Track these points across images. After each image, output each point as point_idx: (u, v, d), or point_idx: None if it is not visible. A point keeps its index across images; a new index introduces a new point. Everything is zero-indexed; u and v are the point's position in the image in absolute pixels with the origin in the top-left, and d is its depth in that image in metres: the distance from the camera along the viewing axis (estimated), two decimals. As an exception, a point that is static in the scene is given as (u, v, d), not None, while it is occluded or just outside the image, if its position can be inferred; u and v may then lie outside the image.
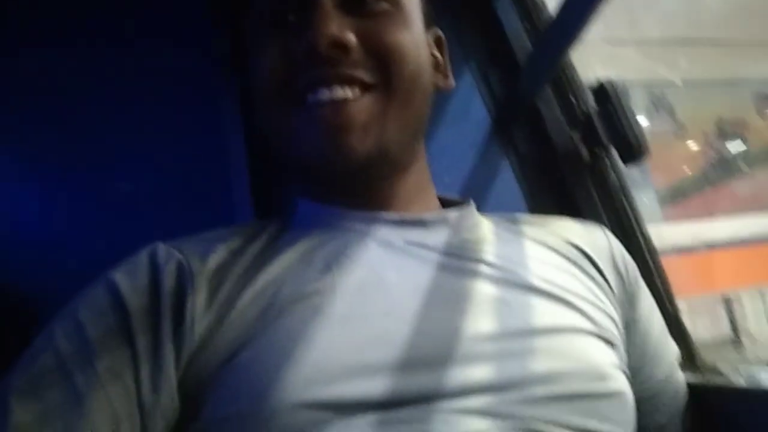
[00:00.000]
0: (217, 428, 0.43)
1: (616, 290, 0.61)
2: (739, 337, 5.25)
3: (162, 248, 0.52)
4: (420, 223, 0.57)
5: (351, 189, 0.58)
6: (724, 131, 5.86)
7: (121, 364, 0.44)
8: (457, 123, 0.90)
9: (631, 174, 0.83)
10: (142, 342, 0.45)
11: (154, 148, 0.82)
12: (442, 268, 0.53)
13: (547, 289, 0.53)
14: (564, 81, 0.83)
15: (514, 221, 0.65)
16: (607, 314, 0.56)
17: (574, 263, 0.59)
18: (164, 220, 0.81)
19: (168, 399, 0.44)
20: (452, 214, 0.60)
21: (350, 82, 0.53)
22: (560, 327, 0.51)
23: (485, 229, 0.61)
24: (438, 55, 0.65)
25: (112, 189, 0.81)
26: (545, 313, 0.52)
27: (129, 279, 0.48)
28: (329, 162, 0.54)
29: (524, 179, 0.88)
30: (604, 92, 0.78)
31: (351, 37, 0.53)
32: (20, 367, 0.45)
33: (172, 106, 0.82)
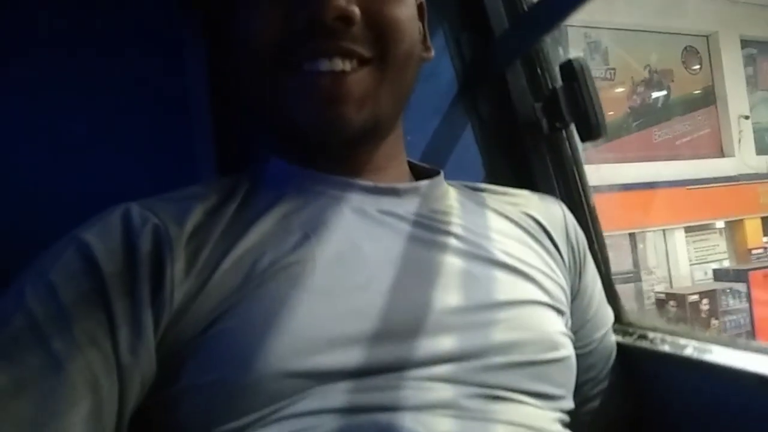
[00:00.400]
0: (198, 393, 0.45)
1: (567, 261, 0.67)
2: (638, 271, 5.76)
3: (136, 210, 0.51)
4: (393, 192, 0.60)
5: (330, 154, 0.60)
6: (652, 80, 6.12)
7: (98, 328, 0.44)
8: (424, 83, 0.90)
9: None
10: (119, 306, 0.45)
11: (113, 92, 0.78)
12: (414, 239, 0.57)
13: (508, 262, 0.58)
14: (533, 54, 0.85)
15: (478, 190, 0.70)
16: (558, 284, 0.63)
17: (532, 235, 0.65)
18: (124, 166, 0.79)
19: (146, 363, 0.45)
20: (423, 183, 0.63)
21: (350, 55, 0.54)
22: (519, 300, 0.56)
23: (453, 199, 0.64)
24: (419, 23, 0.65)
25: (69, 132, 0.77)
26: (506, 286, 0.57)
27: (102, 241, 0.48)
28: (324, 131, 0.55)
29: (484, 144, 0.91)
30: (571, 70, 0.81)
31: (356, 11, 0.53)
32: None
33: (134, 50, 0.78)
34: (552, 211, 0.70)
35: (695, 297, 4.93)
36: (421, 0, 0.66)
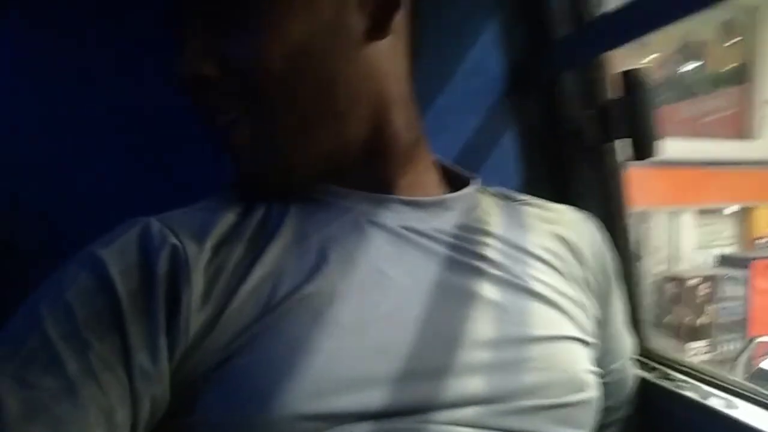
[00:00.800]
0: (211, 429, 0.44)
1: (597, 289, 0.64)
2: (639, 251, 5.74)
3: (155, 228, 0.48)
4: (416, 205, 0.57)
5: (350, 174, 0.57)
6: (686, 51, 5.91)
7: (113, 353, 0.43)
8: (469, 79, 0.85)
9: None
10: (135, 331, 0.43)
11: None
12: (442, 261, 0.54)
13: (541, 291, 0.55)
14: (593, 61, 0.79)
15: (513, 202, 0.66)
16: (588, 315, 0.60)
17: (564, 260, 0.62)
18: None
19: (160, 392, 0.44)
20: (451, 197, 0.60)
21: (224, 112, 0.52)
22: (550, 335, 0.54)
23: (485, 213, 0.61)
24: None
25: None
26: (537, 319, 0.54)
27: (119, 262, 0.46)
28: (251, 184, 0.55)
29: (525, 148, 0.87)
30: (631, 82, 0.76)
31: (209, 70, 0.50)
32: (5, 346, 0.43)
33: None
34: (587, 232, 0.67)
35: (694, 281, 4.94)
36: None
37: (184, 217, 0.51)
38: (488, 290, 0.53)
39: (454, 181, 0.64)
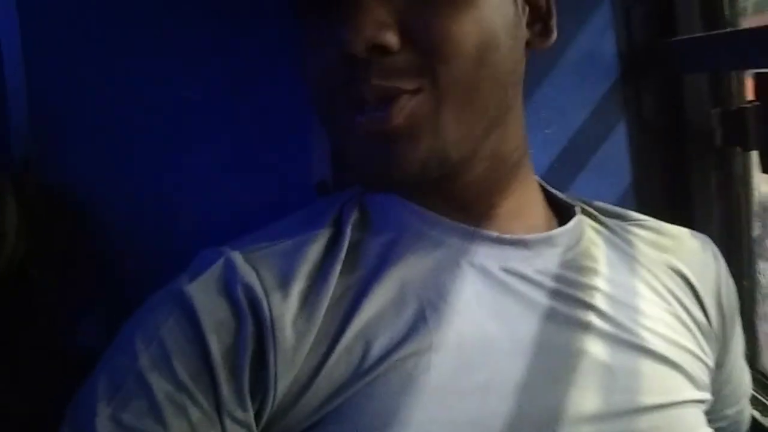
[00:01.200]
0: None
1: (715, 330, 0.58)
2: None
3: (239, 269, 0.47)
4: (521, 244, 0.52)
5: (440, 195, 0.52)
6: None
7: (210, 412, 0.43)
8: (579, 67, 0.76)
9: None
10: (226, 391, 0.43)
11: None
12: (546, 315, 0.49)
13: (655, 348, 0.50)
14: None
15: (622, 229, 0.60)
16: (705, 364, 0.55)
17: (680, 302, 0.56)
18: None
19: None
20: (557, 233, 0.54)
21: (389, 93, 0.44)
22: (665, 403, 0.49)
23: (592, 247, 0.56)
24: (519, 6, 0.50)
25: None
26: (651, 382, 0.49)
27: (208, 308, 0.45)
28: (379, 174, 0.47)
29: (639, 146, 0.78)
30: (769, 86, 0.65)
31: (390, 39, 0.43)
32: (103, 383, 0.43)
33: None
34: (704, 264, 0.60)
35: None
36: None
37: (267, 253, 0.49)
38: (595, 349, 0.48)
39: (556, 207, 0.59)
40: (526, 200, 0.55)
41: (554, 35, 0.52)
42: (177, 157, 0.72)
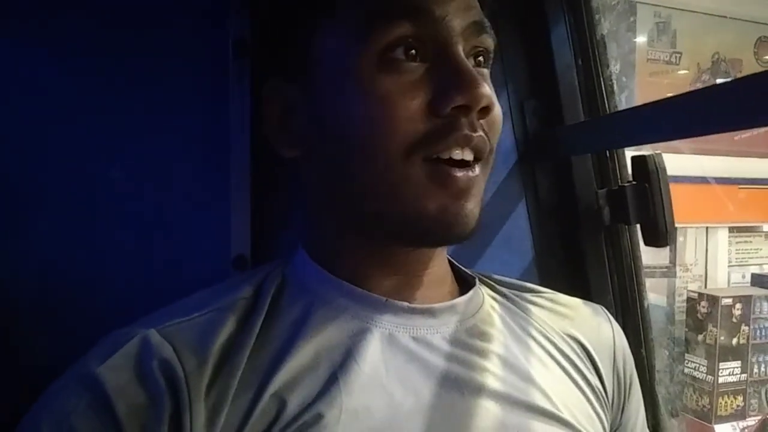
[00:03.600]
0: None
1: (611, 395, 0.61)
2: (674, 266, 5.61)
3: (154, 344, 0.47)
4: (428, 313, 0.55)
5: (365, 261, 0.55)
6: (719, 67, 5.77)
7: None
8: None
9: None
10: None
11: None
12: (447, 380, 0.52)
13: (547, 408, 0.53)
14: (605, 143, 0.77)
15: (520, 299, 0.63)
16: (599, 426, 0.57)
17: (575, 366, 0.59)
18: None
19: None
20: (461, 301, 0.57)
21: (483, 148, 0.51)
22: None
23: (491, 315, 0.59)
24: None
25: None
26: None
27: (120, 389, 0.44)
28: (450, 228, 0.50)
29: (537, 223, 0.85)
30: (644, 168, 0.74)
31: (496, 104, 0.52)
32: None
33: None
34: (601, 332, 0.63)
35: (728, 300, 4.79)
36: None
37: (184, 327, 0.49)
38: (492, 410, 0.51)
39: (459, 278, 0.62)
40: (441, 271, 0.59)
41: None
42: (90, 230, 0.72)
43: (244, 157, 0.74)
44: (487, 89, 0.49)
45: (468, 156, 0.49)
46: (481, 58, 0.53)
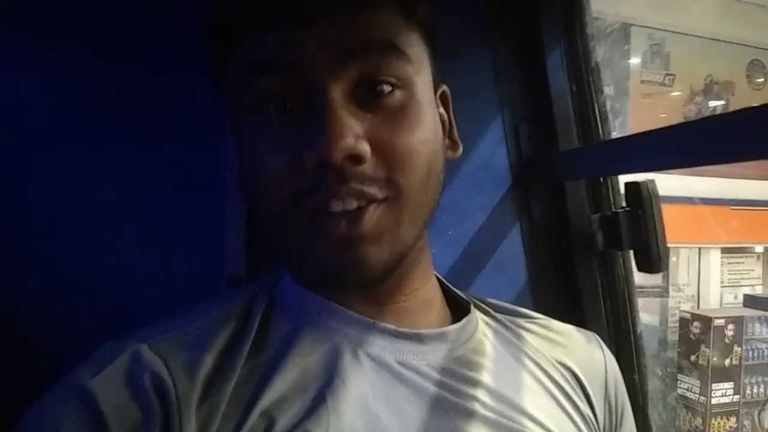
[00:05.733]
0: None
1: (602, 423, 0.61)
2: (667, 286, 5.63)
3: (145, 359, 0.47)
4: (416, 338, 0.54)
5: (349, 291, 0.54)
6: (711, 90, 5.84)
7: None
8: (476, 175, 0.84)
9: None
10: None
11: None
12: (435, 404, 0.51)
13: None
14: (599, 169, 0.77)
15: (514, 325, 0.63)
16: None
17: (566, 394, 0.59)
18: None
19: None
20: (451, 329, 0.57)
21: (363, 197, 0.47)
22: None
23: (483, 343, 0.58)
24: (445, 114, 0.58)
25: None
26: None
27: (111, 403, 0.44)
28: (341, 276, 0.49)
29: (531, 247, 0.85)
30: (637, 194, 0.74)
31: (366, 149, 0.46)
32: None
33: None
34: (593, 361, 0.63)
35: (721, 321, 4.80)
36: (443, 89, 0.58)
37: (176, 342, 0.49)
38: None
39: (452, 302, 0.62)
40: (425, 295, 0.58)
41: (460, 148, 0.59)
42: (84, 249, 0.71)
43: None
44: (346, 138, 0.45)
45: (350, 205, 0.47)
46: (382, 87, 0.48)
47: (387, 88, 0.48)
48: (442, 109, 0.57)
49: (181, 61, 0.73)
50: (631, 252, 0.78)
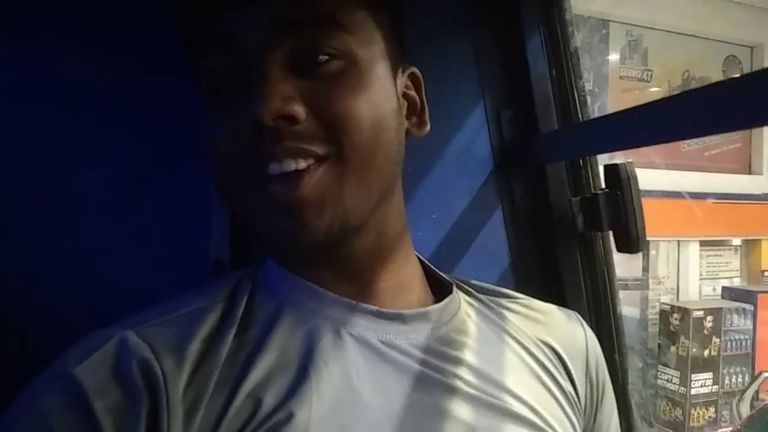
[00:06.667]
0: None
1: (583, 400, 0.62)
2: (647, 279, 5.72)
3: (131, 345, 0.47)
4: (398, 318, 0.55)
5: (324, 267, 0.55)
6: (689, 85, 5.93)
7: None
8: (459, 160, 0.85)
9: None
10: None
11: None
12: (418, 381, 0.52)
13: (519, 412, 0.54)
14: (579, 152, 0.79)
15: (496, 305, 0.64)
16: (573, 430, 0.58)
17: (548, 371, 0.60)
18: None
19: None
20: (433, 309, 0.58)
21: (300, 154, 0.49)
22: None
23: (465, 322, 0.60)
24: (414, 95, 0.59)
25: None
26: None
27: (98, 389, 0.44)
28: (285, 240, 0.51)
29: (513, 231, 0.86)
30: (616, 175, 0.76)
31: (298, 109, 0.47)
32: None
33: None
34: (574, 339, 0.65)
35: (700, 313, 4.89)
36: (412, 70, 0.59)
37: (162, 326, 0.50)
38: (463, 412, 0.52)
39: (435, 283, 0.63)
40: (405, 276, 0.59)
41: (428, 127, 0.60)
42: (71, 235, 0.71)
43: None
44: (274, 100, 0.46)
45: (290, 166, 0.48)
46: (321, 58, 0.49)
47: (324, 58, 0.49)
48: (412, 91, 0.59)
49: (168, 54, 0.73)
50: (611, 233, 0.80)
